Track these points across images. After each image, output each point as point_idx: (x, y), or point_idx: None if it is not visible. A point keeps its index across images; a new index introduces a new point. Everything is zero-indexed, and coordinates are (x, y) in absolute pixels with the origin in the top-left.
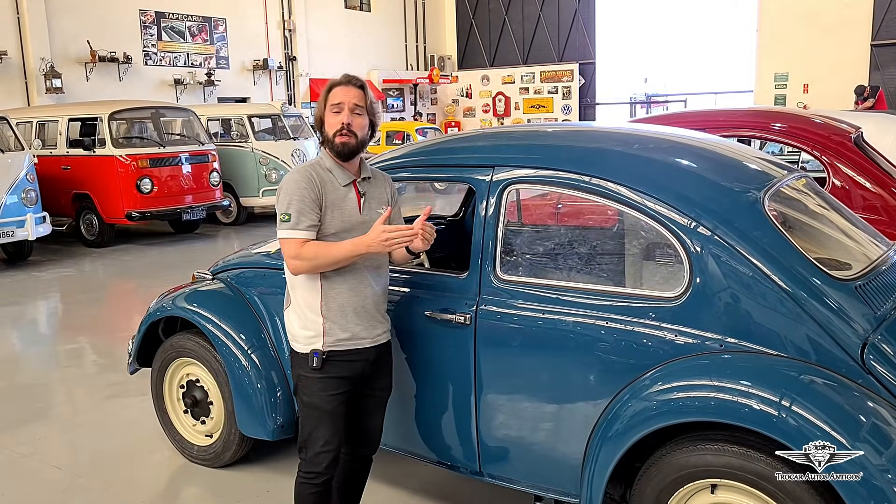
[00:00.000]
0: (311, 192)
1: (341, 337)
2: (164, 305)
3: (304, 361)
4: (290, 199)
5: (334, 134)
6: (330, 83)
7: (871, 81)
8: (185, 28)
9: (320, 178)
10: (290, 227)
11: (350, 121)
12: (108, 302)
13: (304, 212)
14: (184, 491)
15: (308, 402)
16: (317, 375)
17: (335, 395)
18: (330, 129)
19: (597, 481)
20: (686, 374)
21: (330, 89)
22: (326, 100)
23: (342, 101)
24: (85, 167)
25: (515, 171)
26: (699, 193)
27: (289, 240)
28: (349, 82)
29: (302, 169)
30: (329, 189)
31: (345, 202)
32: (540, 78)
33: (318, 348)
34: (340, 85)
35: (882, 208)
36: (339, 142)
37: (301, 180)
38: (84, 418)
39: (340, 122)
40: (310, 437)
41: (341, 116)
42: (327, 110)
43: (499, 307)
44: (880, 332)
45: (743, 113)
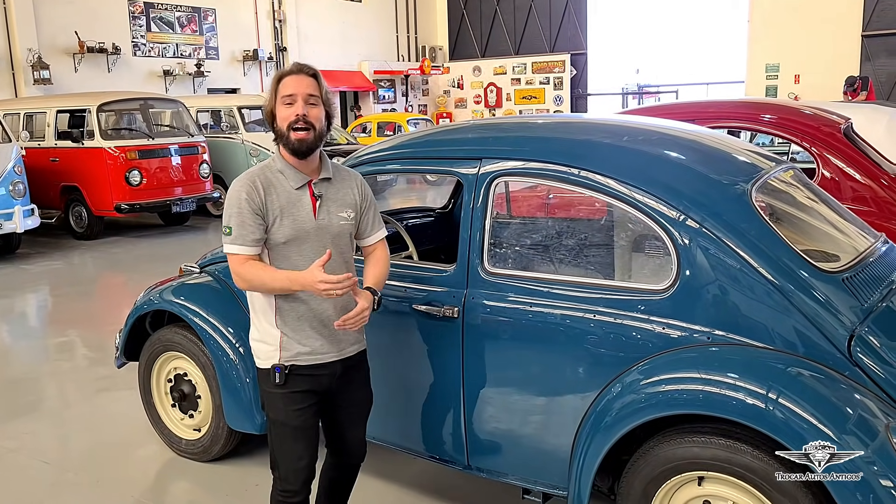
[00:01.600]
0: (251, 202)
1: (300, 351)
2: (151, 299)
3: (267, 377)
4: (231, 212)
5: (289, 127)
6: (279, 73)
7: (861, 72)
8: (174, 19)
9: (267, 183)
10: (231, 242)
11: (305, 111)
12: (98, 295)
13: (244, 226)
14: (172, 485)
15: (274, 418)
16: (280, 391)
17: (301, 409)
18: (283, 122)
19: (585, 474)
20: (674, 366)
21: (280, 79)
22: (277, 91)
23: (295, 91)
24: (73, 159)
25: (503, 164)
26: (687, 186)
27: (231, 255)
28: (300, 71)
29: (246, 176)
30: (277, 194)
31: (297, 207)
32: (531, 69)
33: (278, 363)
34: (291, 74)
35: (871, 199)
36: (294, 138)
37: (242, 190)
38: (73, 412)
39: (295, 114)
40: (280, 454)
41: (295, 108)
42: (278, 103)
43: (487, 300)
44: (867, 325)
45: (732, 104)
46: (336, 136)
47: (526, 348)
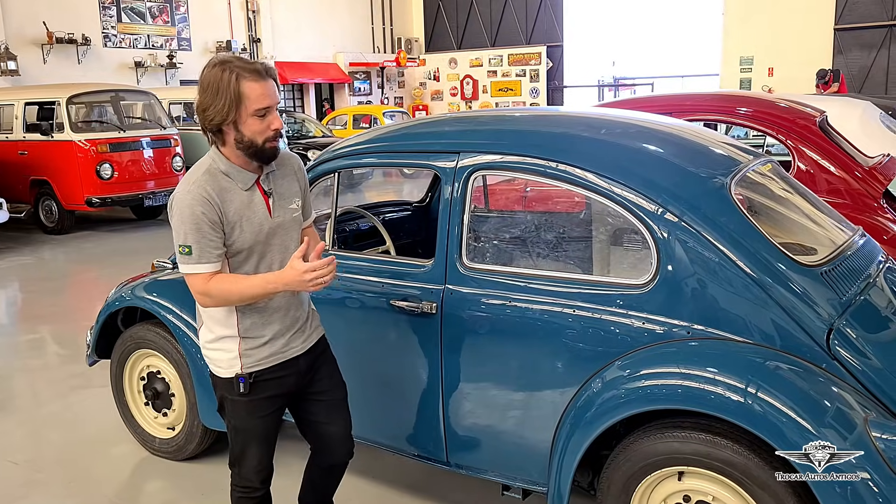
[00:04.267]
0: (208, 215)
1: (263, 355)
2: (122, 295)
3: (229, 386)
4: (187, 230)
5: (265, 141)
6: (235, 73)
7: (834, 65)
8: (145, 9)
9: (218, 188)
10: (194, 262)
11: (280, 124)
12: (69, 291)
13: (204, 242)
14: (147, 484)
15: (236, 425)
16: (244, 399)
17: (266, 416)
18: (258, 135)
19: (565, 470)
20: (653, 361)
21: (239, 84)
22: (241, 99)
23: (270, 104)
24: (43, 152)
25: (481, 157)
26: (666, 179)
27: (193, 276)
28: (267, 75)
29: (194, 186)
30: (230, 199)
31: (251, 209)
32: (508, 61)
33: (240, 372)
34: (257, 80)
35: (846, 192)
36: (270, 147)
37: (195, 204)
38: (44, 411)
39: (273, 129)
40: (241, 458)
41: (270, 120)
42: (247, 114)
43: (465, 296)
44: (845, 318)
45: (709, 97)
46: (312, 130)
47: (505, 344)
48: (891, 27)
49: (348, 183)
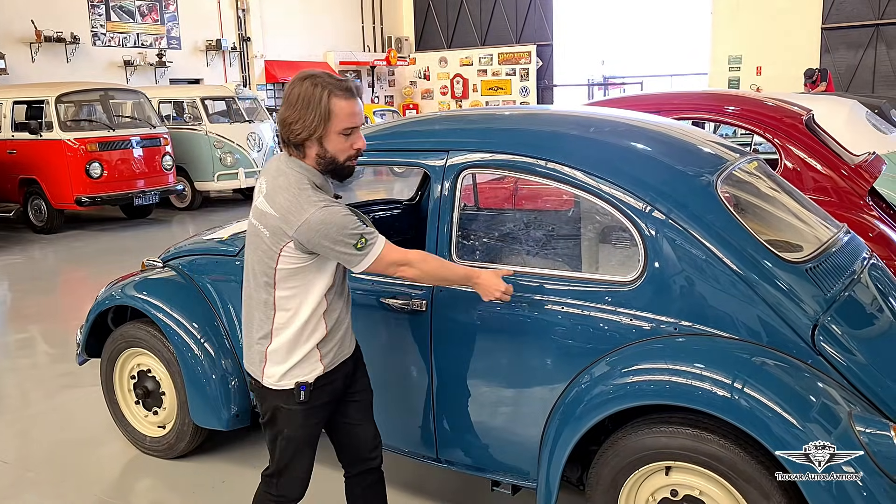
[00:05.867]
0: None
1: (330, 359)
2: (112, 294)
3: (289, 396)
4: (350, 229)
5: (347, 159)
6: (326, 92)
7: (821, 64)
8: (134, 7)
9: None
10: (376, 242)
11: (363, 144)
12: (59, 290)
13: (364, 225)
14: (137, 483)
15: (290, 434)
16: (301, 408)
17: (317, 423)
18: (340, 153)
19: (554, 465)
20: (641, 357)
21: (330, 101)
22: (330, 116)
23: (357, 123)
24: (32, 151)
25: (470, 156)
26: (654, 177)
27: (385, 251)
28: (356, 94)
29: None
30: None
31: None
32: (498, 60)
33: (307, 381)
34: (347, 98)
35: (832, 190)
36: (350, 166)
37: (333, 208)
38: (34, 410)
39: (357, 149)
40: (289, 467)
41: (353, 140)
42: (333, 132)
43: (455, 293)
44: (830, 314)
45: (697, 96)
46: None
47: (494, 341)
48: (878, 26)
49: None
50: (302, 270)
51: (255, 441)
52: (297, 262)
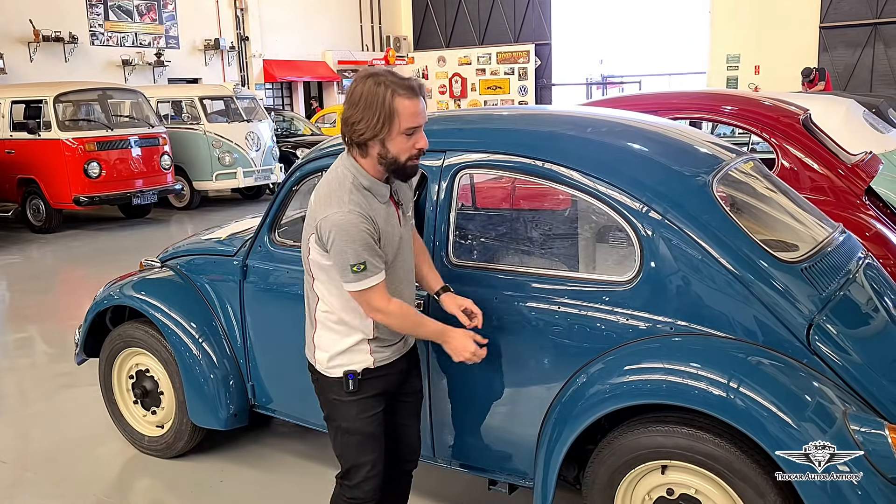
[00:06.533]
0: (371, 231)
1: (384, 355)
2: (111, 294)
3: (338, 385)
4: (358, 248)
5: (408, 159)
6: (390, 91)
7: (819, 63)
8: (132, 7)
9: (367, 204)
10: (371, 276)
11: (426, 143)
12: (58, 290)
13: (375, 256)
14: (136, 483)
15: (347, 427)
16: (353, 398)
17: (375, 414)
18: (403, 153)
19: (551, 464)
20: (638, 357)
21: (394, 100)
22: (394, 115)
23: (421, 123)
24: (30, 151)
25: (467, 156)
26: (650, 177)
27: (371, 290)
28: (420, 93)
29: (352, 206)
30: (376, 212)
31: (389, 223)
32: (496, 59)
33: (355, 370)
34: (410, 97)
35: (829, 189)
36: (412, 165)
37: (360, 222)
38: (32, 410)
39: (418, 148)
40: (355, 464)
41: (416, 139)
42: (396, 132)
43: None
44: (825, 313)
45: (694, 95)
46: (300, 128)
47: (491, 340)
48: (875, 25)
49: None
50: (327, 266)
51: (253, 440)
52: (319, 256)
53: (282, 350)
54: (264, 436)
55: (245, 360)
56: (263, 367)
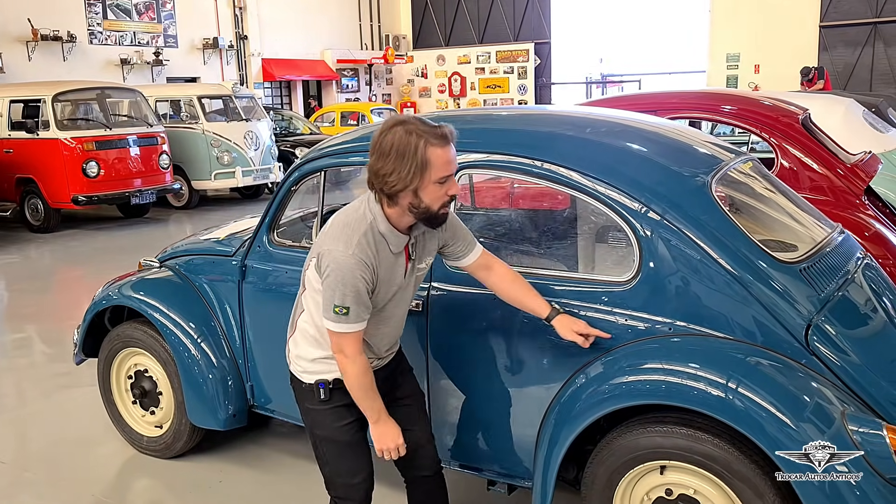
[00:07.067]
0: (367, 281)
1: None
2: (109, 294)
3: (310, 394)
4: (346, 292)
5: (440, 206)
6: (422, 141)
7: (819, 62)
8: (131, 6)
9: (376, 251)
10: (350, 322)
11: (457, 189)
12: (56, 289)
13: (361, 306)
14: (135, 483)
15: (322, 435)
16: (324, 407)
17: (350, 423)
18: (435, 202)
19: (550, 465)
20: (637, 357)
21: (427, 150)
22: (426, 166)
23: (453, 171)
24: (28, 150)
25: (466, 156)
26: (649, 178)
27: (344, 336)
28: (451, 141)
29: (357, 250)
30: (382, 262)
31: (392, 272)
32: (496, 58)
33: (326, 379)
34: (442, 145)
35: (828, 189)
36: (444, 213)
37: (357, 269)
38: (31, 410)
39: (450, 195)
40: (334, 473)
41: (448, 186)
42: (429, 182)
43: (450, 293)
44: (824, 314)
45: (694, 95)
46: (299, 127)
47: (490, 340)
48: (875, 24)
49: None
50: (318, 289)
51: (252, 441)
52: (314, 280)
53: (280, 350)
54: (263, 436)
55: (244, 360)
56: (262, 368)
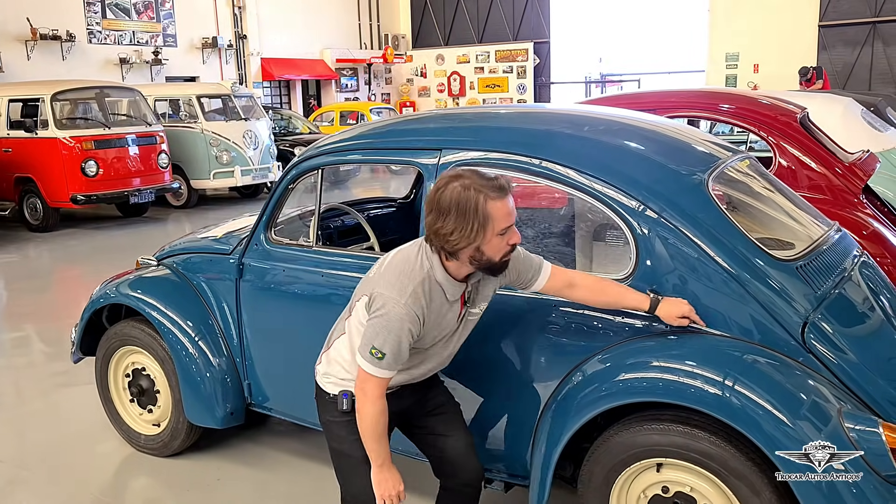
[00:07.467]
0: (414, 332)
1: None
2: (107, 292)
3: (332, 405)
4: (387, 339)
5: (503, 256)
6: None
7: (818, 62)
8: (130, 5)
9: (429, 298)
10: (382, 368)
11: (518, 238)
12: (55, 288)
13: (399, 355)
14: (132, 481)
15: (339, 449)
16: (345, 419)
17: None
18: (498, 253)
19: (547, 462)
20: (634, 355)
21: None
22: (489, 221)
23: (513, 221)
24: (27, 149)
25: (463, 154)
26: (646, 176)
27: (372, 378)
28: (508, 192)
29: (411, 300)
30: (434, 307)
31: (445, 318)
32: (495, 57)
33: (350, 390)
34: (499, 198)
35: (826, 188)
36: (504, 262)
37: (406, 320)
38: (29, 408)
39: (511, 244)
40: (350, 488)
41: (510, 236)
42: (492, 235)
43: None
44: (820, 311)
45: (692, 94)
46: (298, 126)
47: (488, 338)
48: (874, 24)
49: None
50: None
51: (249, 439)
52: (362, 314)
53: (278, 348)
54: (261, 434)
55: (241, 358)
56: (260, 366)
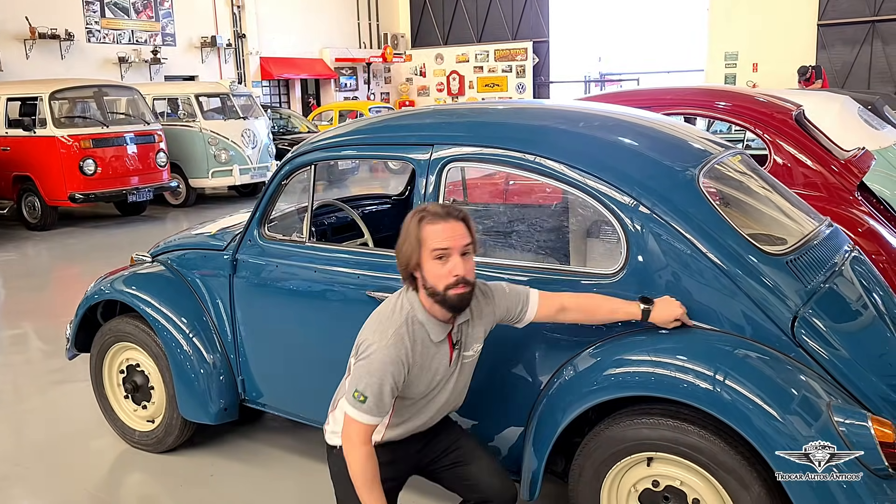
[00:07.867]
0: (396, 377)
1: (395, 433)
2: (101, 289)
3: (339, 458)
4: (370, 382)
5: (447, 287)
6: (417, 214)
7: (817, 61)
8: (129, 4)
9: (413, 339)
10: (363, 412)
11: (465, 271)
12: (53, 286)
13: (382, 398)
14: (127, 477)
15: (343, 500)
16: None
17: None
18: (438, 281)
19: (538, 457)
20: (625, 349)
21: (420, 226)
22: (421, 240)
23: (449, 245)
24: (25, 148)
25: (456, 149)
26: (639, 172)
27: (355, 422)
28: (449, 216)
29: (394, 340)
30: (419, 352)
31: (434, 360)
32: (494, 56)
33: None
34: (437, 221)
35: (822, 185)
36: (454, 295)
37: (389, 363)
38: (25, 405)
39: (453, 276)
40: None
41: (450, 265)
42: (426, 256)
43: None
44: (810, 306)
45: (689, 91)
46: (297, 125)
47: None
48: (873, 23)
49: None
50: None
51: (243, 435)
52: (352, 366)
53: (272, 344)
54: (255, 431)
55: (235, 354)
56: (253, 362)
